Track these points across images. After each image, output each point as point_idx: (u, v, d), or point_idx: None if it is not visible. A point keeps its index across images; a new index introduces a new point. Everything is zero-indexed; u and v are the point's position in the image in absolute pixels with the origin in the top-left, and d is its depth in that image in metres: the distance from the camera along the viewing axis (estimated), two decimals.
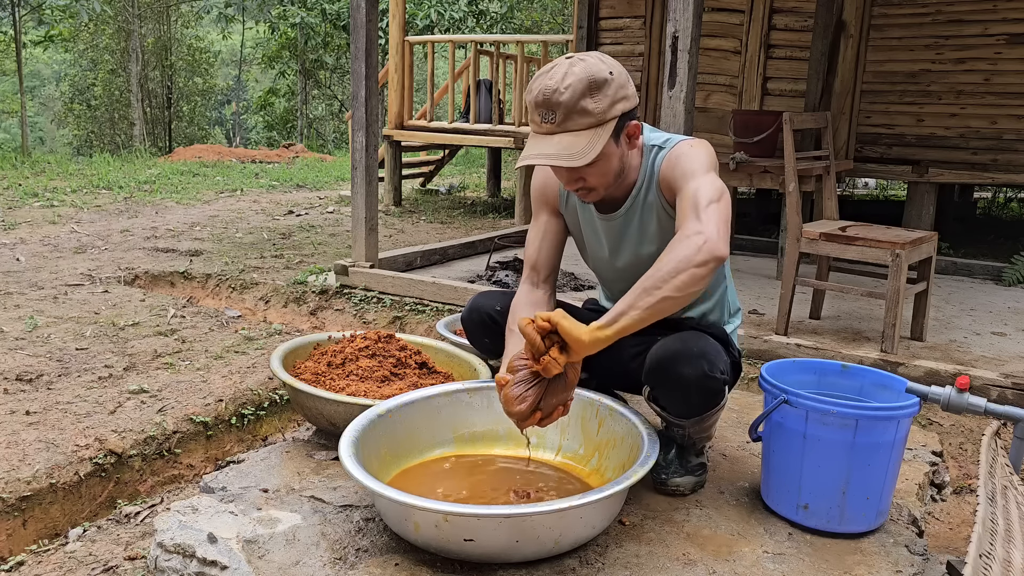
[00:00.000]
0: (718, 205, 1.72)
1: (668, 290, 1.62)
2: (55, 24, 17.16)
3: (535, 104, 1.76)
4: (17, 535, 2.19)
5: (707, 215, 1.69)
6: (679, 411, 1.91)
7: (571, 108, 1.72)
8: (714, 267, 1.64)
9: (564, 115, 1.73)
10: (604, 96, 1.73)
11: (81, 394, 2.85)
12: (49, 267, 4.78)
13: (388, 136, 7.68)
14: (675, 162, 1.85)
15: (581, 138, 1.74)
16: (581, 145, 1.74)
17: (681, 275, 1.62)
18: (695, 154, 1.84)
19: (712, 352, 1.85)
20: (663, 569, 1.69)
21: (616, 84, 1.75)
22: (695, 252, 1.63)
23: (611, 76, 1.74)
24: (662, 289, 1.62)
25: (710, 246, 1.63)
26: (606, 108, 1.74)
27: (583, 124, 1.74)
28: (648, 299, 1.63)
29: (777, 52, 5.97)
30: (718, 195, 1.74)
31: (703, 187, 1.75)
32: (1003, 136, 5.33)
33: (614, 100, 1.75)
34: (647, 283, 1.64)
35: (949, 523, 2.36)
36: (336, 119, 22.60)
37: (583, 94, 1.72)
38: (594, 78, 1.72)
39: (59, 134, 25.52)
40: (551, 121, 1.75)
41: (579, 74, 1.72)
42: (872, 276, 3.93)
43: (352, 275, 4.39)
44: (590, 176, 1.82)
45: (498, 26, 16.37)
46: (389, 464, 1.96)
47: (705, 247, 1.63)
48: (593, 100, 1.73)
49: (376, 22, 4.18)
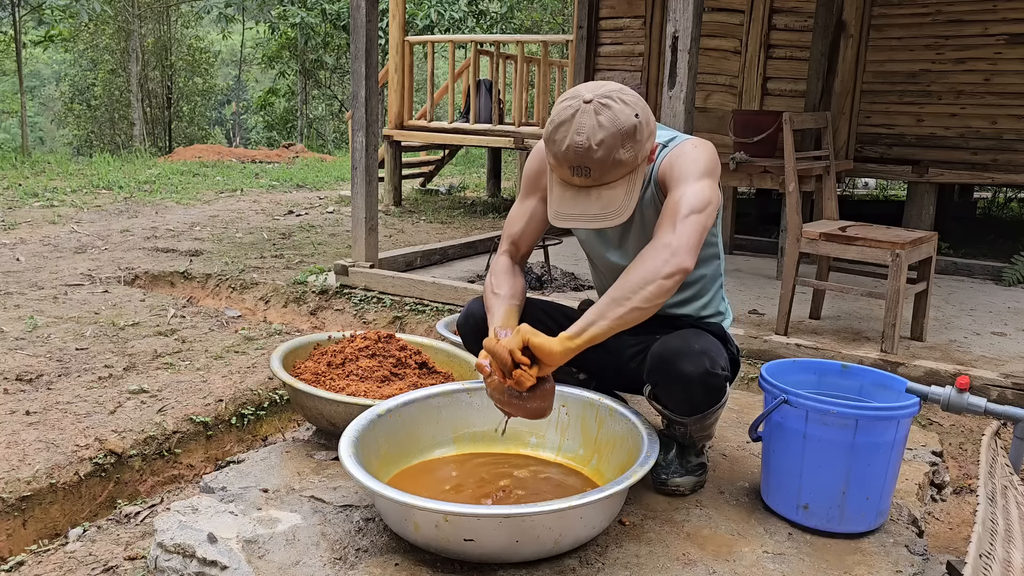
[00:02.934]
0: (698, 216, 1.73)
1: (637, 301, 1.67)
2: (55, 24, 17.16)
3: (565, 159, 1.71)
4: (17, 535, 2.19)
5: (683, 226, 1.71)
6: (681, 409, 1.91)
7: (606, 163, 1.69)
8: (680, 279, 1.69)
9: (600, 171, 1.70)
10: (636, 143, 1.71)
11: (81, 394, 2.85)
12: (49, 267, 4.78)
13: (388, 136, 7.68)
14: (674, 161, 1.85)
15: (618, 190, 1.73)
16: (620, 198, 1.73)
17: (649, 287, 1.67)
18: (695, 156, 1.84)
19: (713, 349, 1.85)
20: (663, 569, 1.69)
21: (644, 126, 1.71)
22: (662, 264, 1.67)
23: (638, 120, 1.70)
24: (631, 300, 1.67)
25: (677, 259, 1.68)
26: (637, 153, 1.72)
27: (618, 175, 1.72)
28: (618, 309, 1.68)
29: (777, 52, 5.97)
30: (701, 205, 1.74)
31: (688, 195, 1.75)
32: (1003, 136, 5.33)
33: (643, 143, 1.73)
34: (616, 293, 1.69)
35: (949, 523, 2.36)
36: (336, 119, 22.61)
37: (616, 147, 1.68)
38: (625, 128, 1.68)
39: (59, 134, 25.52)
40: (585, 175, 1.71)
41: (609, 128, 1.67)
42: (872, 276, 3.94)
43: (352, 275, 4.39)
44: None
45: (498, 26, 16.38)
46: (389, 464, 1.96)
47: (673, 260, 1.67)
48: (626, 151, 1.70)
49: (376, 22, 4.18)
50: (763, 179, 4.51)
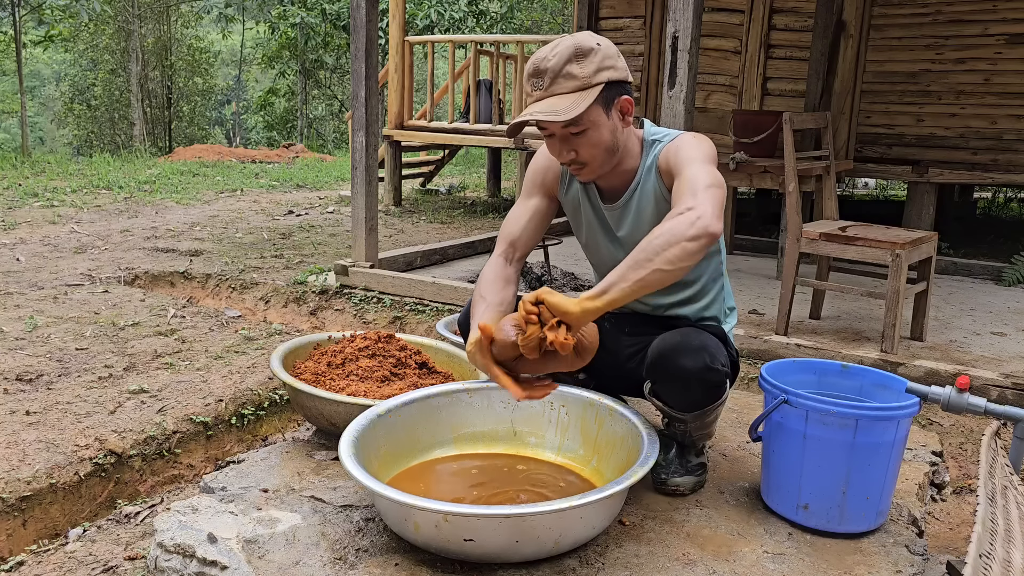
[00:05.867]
0: (716, 189, 1.73)
1: (659, 263, 1.62)
2: (55, 24, 17.14)
3: (527, 76, 1.86)
4: (17, 535, 2.19)
5: (704, 195, 1.70)
6: (681, 405, 1.91)
7: (557, 72, 1.80)
8: (706, 243, 1.64)
9: (551, 79, 1.81)
10: (589, 62, 1.81)
11: (81, 394, 2.85)
12: (49, 267, 4.78)
13: (388, 136, 7.68)
14: (676, 150, 1.88)
15: (565, 99, 1.81)
16: (565, 104, 1.80)
17: (673, 248, 1.62)
18: (697, 144, 1.88)
19: (712, 345, 1.86)
20: (663, 569, 1.69)
21: (602, 54, 1.83)
22: (688, 227, 1.63)
23: (598, 46, 1.83)
24: (653, 261, 1.62)
25: (704, 222, 1.64)
26: (591, 73, 1.81)
27: (569, 87, 1.81)
28: (640, 271, 1.63)
29: (777, 52, 5.97)
30: (716, 182, 1.76)
31: (701, 173, 1.78)
32: (1003, 136, 5.33)
33: (600, 67, 1.82)
34: (638, 256, 1.65)
35: (949, 523, 2.36)
36: (336, 119, 22.61)
37: (568, 60, 1.80)
38: (580, 46, 1.81)
39: (59, 134, 25.52)
40: (539, 87, 1.83)
41: (567, 43, 1.82)
42: (872, 276, 3.94)
43: (352, 275, 4.39)
44: (581, 147, 1.85)
45: (498, 26, 16.37)
46: (389, 464, 1.96)
47: (699, 222, 1.63)
48: (579, 65, 1.80)
49: (376, 22, 4.18)
50: (763, 179, 4.51)
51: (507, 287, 2.01)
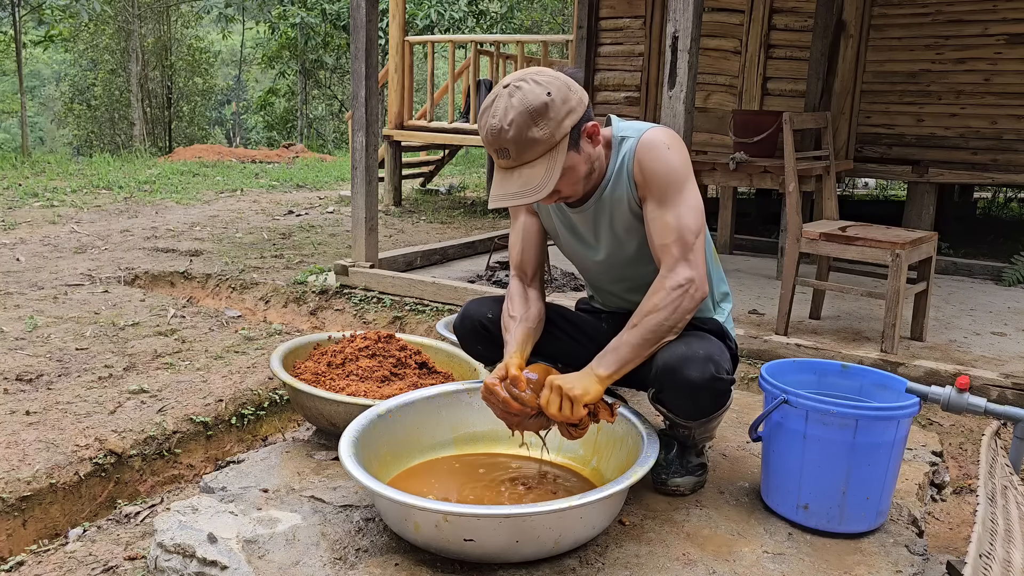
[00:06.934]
0: (701, 238, 1.84)
1: (669, 335, 1.84)
2: (55, 24, 17.13)
3: (487, 143, 1.77)
4: (17, 535, 2.19)
5: (695, 256, 1.82)
6: (686, 413, 1.91)
7: (520, 142, 1.72)
8: (700, 303, 1.86)
9: (517, 151, 1.73)
10: (548, 120, 1.72)
11: (81, 394, 2.85)
12: (49, 267, 4.78)
13: (388, 136, 7.68)
14: (652, 162, 1.84)
15: (538, 168, 1.75)
16: (539, 176, 1.75)
17: (679, 323, 1.83)
18: (672, 158, 1.84)
19: (717, 353, 1.86)
20: (663, 569, 1.69)
21: (557, 104, 1.73)
22: (689, 300, 1.82)
23: (549, 97, 1.72)
24: (664, 338, 1.83)
25: (702, 291, 1.83)
26: (553, 130, 1.73)
27: (536, 153, 1.74)
28: (652, 348, 1.83)
29: (777, 52, 5.97)
30: (699, 222, 1.84)
31: (686, 216, 1.82)
32: (1003, 136, 5.33)
33: (559, 120, 1.74)
34: (647, 335, 1.81)
35: (949, 523, 2.36)
36: (336, 119, 22.60)
37: (527, 126, 1.71)
38: (533, 107, 1.70)
39: (59, 134, 25.52)
40: (506, 158, 1.75)
41: (518, 107, 1.70)
42: (872, 276, 3.94)
43: (352, 275, 4.39)
44: (562, 188, 1.83)
45: (498, 26, 16.37)
46: (389, 464, 1.96)
47: (697, 294, 1.82)
48: (538, 128, 1.72)
49: (376, 22, 4.18)
50: (763, 179, 4.51)
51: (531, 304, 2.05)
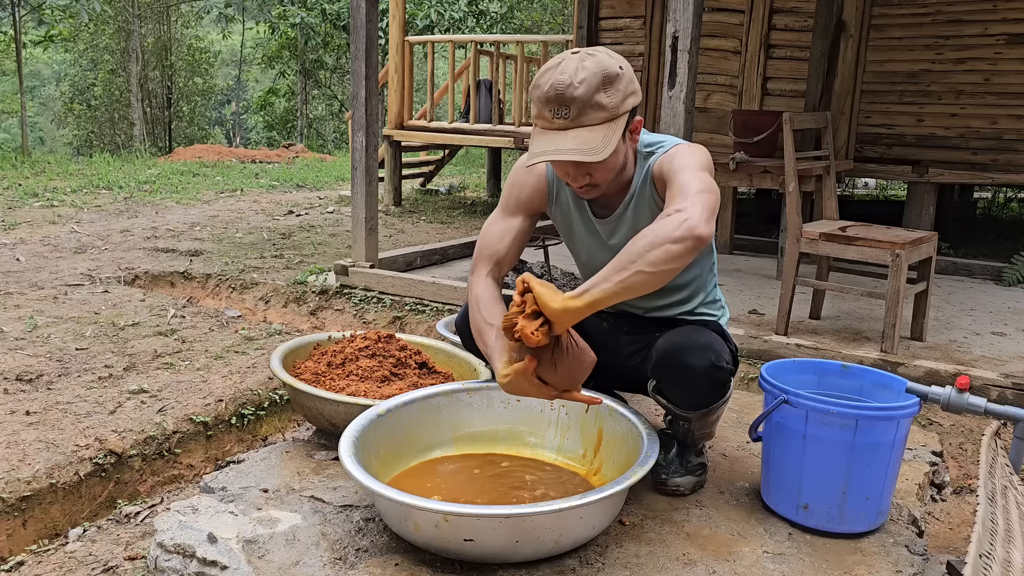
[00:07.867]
0: (707, 194, 1.67)
1: (641, 264, 1.57)
2: (55, 24, 17.16)
3: (546, 100, 1.71)
4: (17, 535, 2.19)
5: (694, 199, 1.65)
6: (686, 403, 1.91)
7: (586, 102, 1.69)
8: (692, 246, 1.58)
9: (579, 110, 1.69)
10: (617, 91, 1.72)
11: (81, 394, 2.85)
12: (49, 267, 4.78)
13: (388, 136, 7.68)
14: (670, 159, 1.84)
15: (597, 133, 1.71)
16: (598, 140, 1.70)
17: (656, 250, 1.57)
18: (691, 152, 1.84)
19: (716, 343, 1.86)
20: (663, 569, 1.69)
21: (627, 79, 1.74)
22: (673, 228, 1.58)
23: (622, 71, 1.74)
24: (636, 263, 1.58)
25: (691, 223, 1.58)
26: (619, 102, 1.73)
27: (598, 119, 1.71)
28: (622, 273, 1.58)
29: (777, 52, 5.97)
30: (708, 187, 1.71)
31: (693, 179, 1.73)
32: (1003, 136, 5.33)
33: (626, 94, 1.74)
34: (622, 257, 1.60)
35: (949, 523, 2.36)
36: (336, 119, 22.60)
37: (598, 88, 1.69)
38: (607, 72, 1.70)
39: (59, 134, 25.51)
40: (564, 116, 1.70)
41: (592, 68, 1.69)
42: (872, 276, 3.94)
43: (352, 275, 4.39)
44: (596, 172, 1.79)
45: (498, 26, 16.38)
46: (389, 464, 1.96)
47: (685, 224, 1.58)
48: (607, 94, 1.70)
49: (376, 22, 4.18)
50: (763, 179, 4.51)
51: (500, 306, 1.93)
